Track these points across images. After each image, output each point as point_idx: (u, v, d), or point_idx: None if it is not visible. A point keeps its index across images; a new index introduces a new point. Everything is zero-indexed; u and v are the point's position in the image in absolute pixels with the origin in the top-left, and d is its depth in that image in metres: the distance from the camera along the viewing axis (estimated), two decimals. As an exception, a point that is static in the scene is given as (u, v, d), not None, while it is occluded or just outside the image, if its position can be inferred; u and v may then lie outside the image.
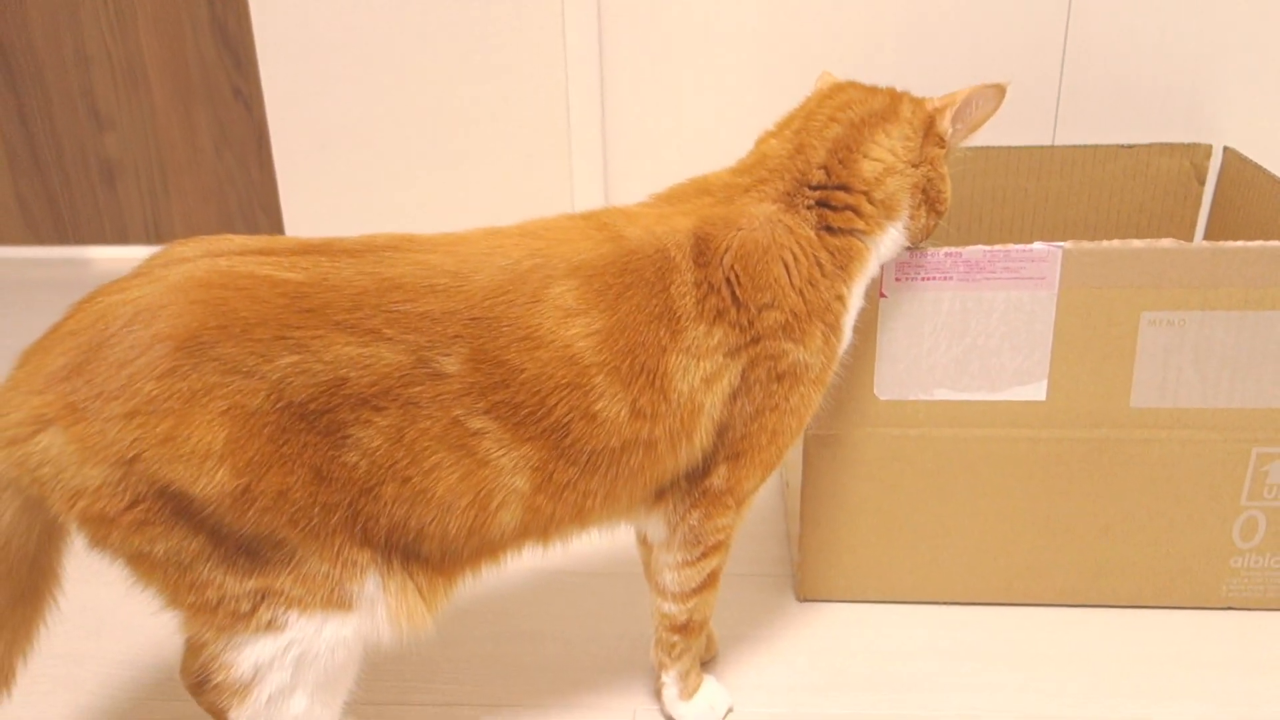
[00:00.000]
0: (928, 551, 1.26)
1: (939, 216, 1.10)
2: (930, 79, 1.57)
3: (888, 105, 1.07)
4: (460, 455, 0.89)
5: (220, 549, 0.86)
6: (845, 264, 1.03)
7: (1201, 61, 1.55)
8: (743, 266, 0.96)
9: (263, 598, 0.88)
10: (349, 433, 0.86)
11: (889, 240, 1.07)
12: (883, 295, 1.14)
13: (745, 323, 0.96)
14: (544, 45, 1.79)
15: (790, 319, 0.98)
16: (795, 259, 0.99)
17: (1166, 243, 1.11)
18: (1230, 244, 1.11)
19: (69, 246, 2.44)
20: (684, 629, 1.09)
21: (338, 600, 0.89)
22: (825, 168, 1.03)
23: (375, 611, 0.91)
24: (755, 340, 0.97)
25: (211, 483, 0.82)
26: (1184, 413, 1.17)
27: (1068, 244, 1.11)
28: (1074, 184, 1.51)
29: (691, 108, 1.81)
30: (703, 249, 0.96)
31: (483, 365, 0.88)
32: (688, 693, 1.12)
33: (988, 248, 1.12)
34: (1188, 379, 1.16)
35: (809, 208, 1.02)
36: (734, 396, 0.98)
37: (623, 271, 0.93)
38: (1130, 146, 1.49)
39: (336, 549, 0.88)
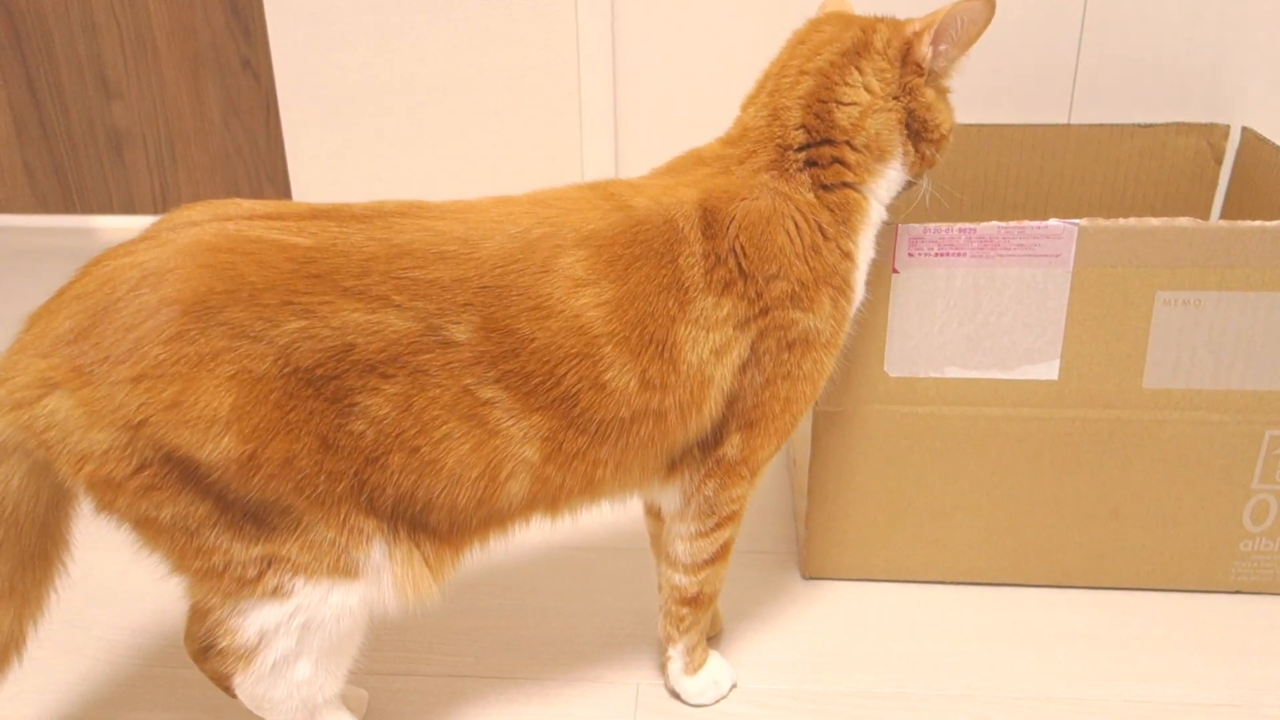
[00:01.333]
0: (935, 531, 1.25)
1: (936, 146, 1.05)
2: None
3: (858, 39, 1.02)
4: (471, 425, 0.88)
5: (227, 514, 0.85)
6: (846, 218, 1.01)
7: (1219, 41, 1.53)
8: (748, 238, 0.95)
9: (269, 564, 0.87)
10: (356, 400, 0.85)
11: (888, 182, 1.04)
12: (895, 271, 1.13)
13: (753, 294, 0.95)
14: (556, 14, 1.77)
15: (798, 288, 0.97)
16: (797, 227, 0.98)
17: (1183, 221, 1.10)
18: (1247, 223, 1.09)
19: (76, 215, 2.44)
20: (693, 601, 1.09)
21: (344, 568, 0.89)
22: (804, 127, 1.00)
23: (381, 580, 0.91)
24: (764, 312, 0.96)
25: (218, 448, 0.81)
26: (1197, 394, 1.16)
27: (1083, 221, 1.10)
28: (1090, 163, 1.49)
29: (703, 79, 1.79)
30: (709, 220, 0.95)
31: (493, 334, 0.88)
32: (693, 668, 1.12)
33: (1002, 224, 1.11)
34: (1201, 360, 1.14)
35: (800, 170, 1.00)
36: (744, 368, 0.97)
37: (632, 242, 0.93)
38: (1147, 126, 1.47)
39: (343, 517, 0.88)
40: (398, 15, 1.77)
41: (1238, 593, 1.26)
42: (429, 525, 0.93)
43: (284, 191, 2.27)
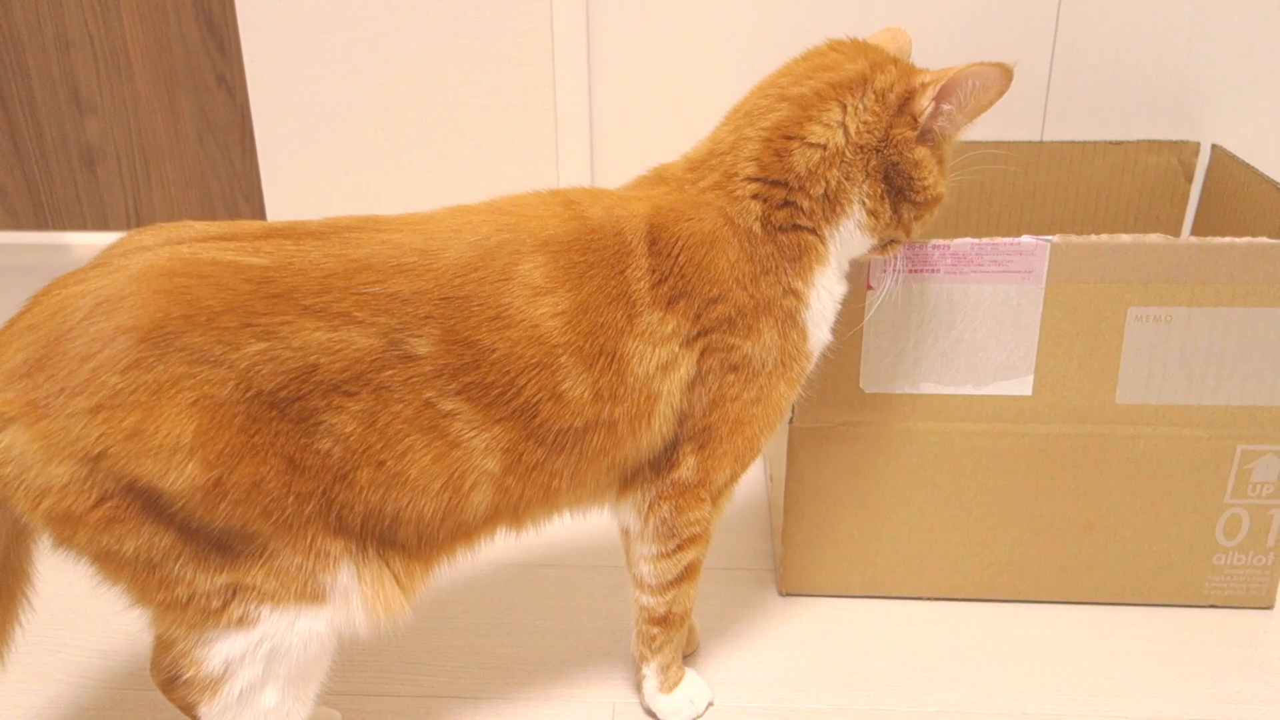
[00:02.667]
0: (911, 546, 1.26)
1: (918, 210, 1.00)
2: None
3: (859, 74, 0.97)
4: (433, 438, 0.88)
5: (191, 545, 0.84)
6: (796, 258, 0.98)
7: (1190, 59, 1.54)
8: (688, 258, 0.95)
9: (234, 593, 0.86)
10: (321, 419, 0.84)
11: (845, 238, 0.99)
12: (869, 287, 1.13)
13: (695, 314, 0.95)
14: (531, 32, 1.78)
15: (735, 314, 0.96)
16: (737, 254, 0.96)
17: (1154, 238, 1.11)
18: (1218, 240, 1.10)
19: (48, 232, 2.42)
20: (663, 621, 1.08)
21: (311, 593, 0.88)
22: (757, 160, 0.97)
23: (350, 603, 0.90)
24: (705, 332, 0.96)
25: (182, 476, 0.80)
26: (1169, 409, 1.17)
27: (1056, 238, 1.11)
28: (1062, 180, 1.50)
29: (680, 97, 1.80)
30: (655, 237, 0.95)
31: (454, 346, 0.87)
32: (668, 686, 1.11)
33: (975, 240, 1.11)
34: (1174, 375, 1.15)
35: (748, 198, 0.97)
36: (692, 385, 0.97)
37: (586, 249, 0.92)
38: (1119, 143, 1.48)
39: (309, 540, 0.87)
40: (374, 33, 1.77)
41: (1212, 606, 1.26)
42: (398, 541, 0.92)
43: (259, 208, 2.25)
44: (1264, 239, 1.10)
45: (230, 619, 0.86)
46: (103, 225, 2.39)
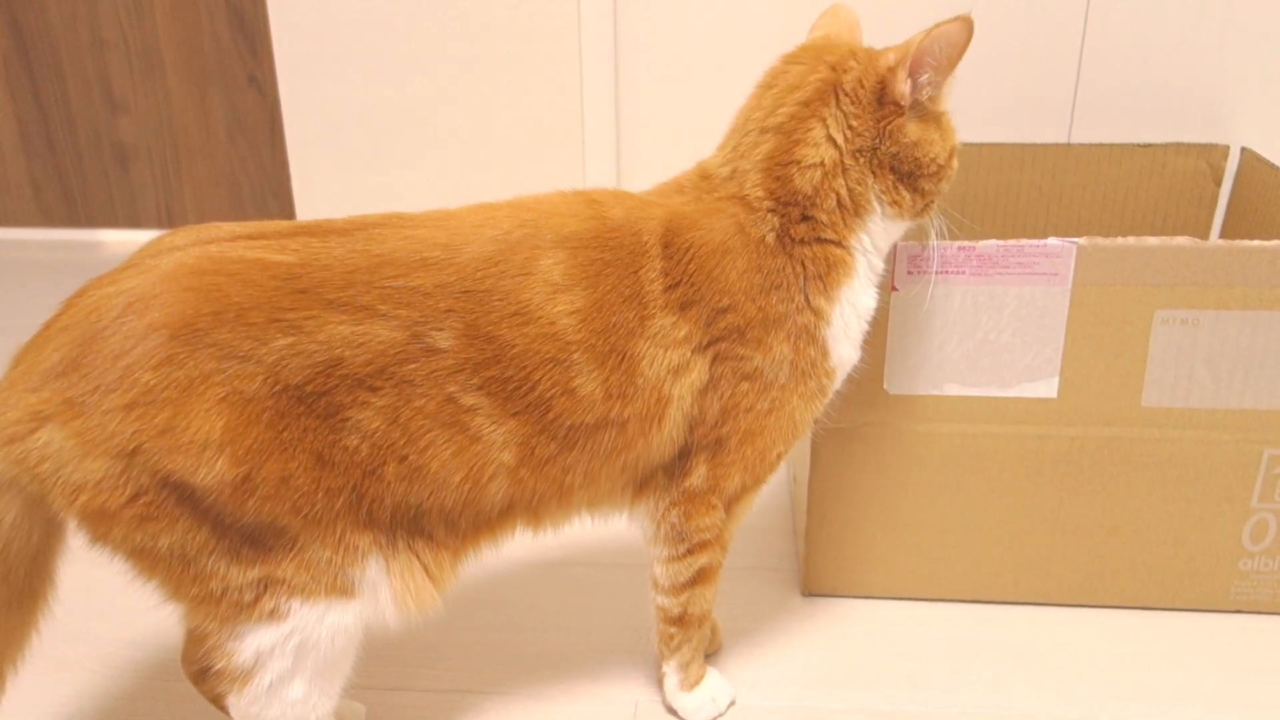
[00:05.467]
0: (934, 548, 1.25)
1: (935, 179, 0.99)
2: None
3: (824, 83, 0.97)
4: (454, 432, 0.89)
5: (223, 540, 0.85)
6: (822, 274, 0.98)
7: (1219, 62, 1.53)
8: (698, 266, 0.95)
9: (265, 587, 0.87)
10: (347, 415, 0.86)
11: (875, 233, 1.00)
12: (894, 289, 1.13)
13: (706, 321, 0.95)
14: (559, 33, 1.79)
15: (745, 325, 0.96)
16: (746, 265, 0.96)
17: (1181, 240, 1.10)
18: (1246, 243, 1.10)
19: (81, 229, 2.45)
20: (679, 621, 1.09)
21: (340, 587, 0.89)
22: (763, 189, 0.97)
23: (379, 595, 0.91)
24: (717, 340, 0.96)
25: (212, 472, 0.82)
26: (1195, 413, 1.16)
27: (1082, 240, 1.10)
28: (1089, 183, 1.50)
29: (706, 97, 1.80)
30: (670, 241, 0.95)
31: (475, 340, 0.88)
32: (689, 684, 1.12)
33: (1001, 242, 1.11)
34: (1200, 378, 1.15)
35: (767, 212, 0.97)
36: (704, 392, 0.97)
37: (603, 248, 0.93)
38: (1147, 146, 1.47)
39: (339, 535, 0.88)
40: (403, 33, 1.79)
41: (1238, 612, 1.26)
42: (425, 531, 0.93)
43: (288, 206, 2.28)
44: (1293, 242, 1.09)
45: (261, 612, 0.88)
46: (134, 223, 2.42)
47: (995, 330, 1.15)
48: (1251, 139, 1.48)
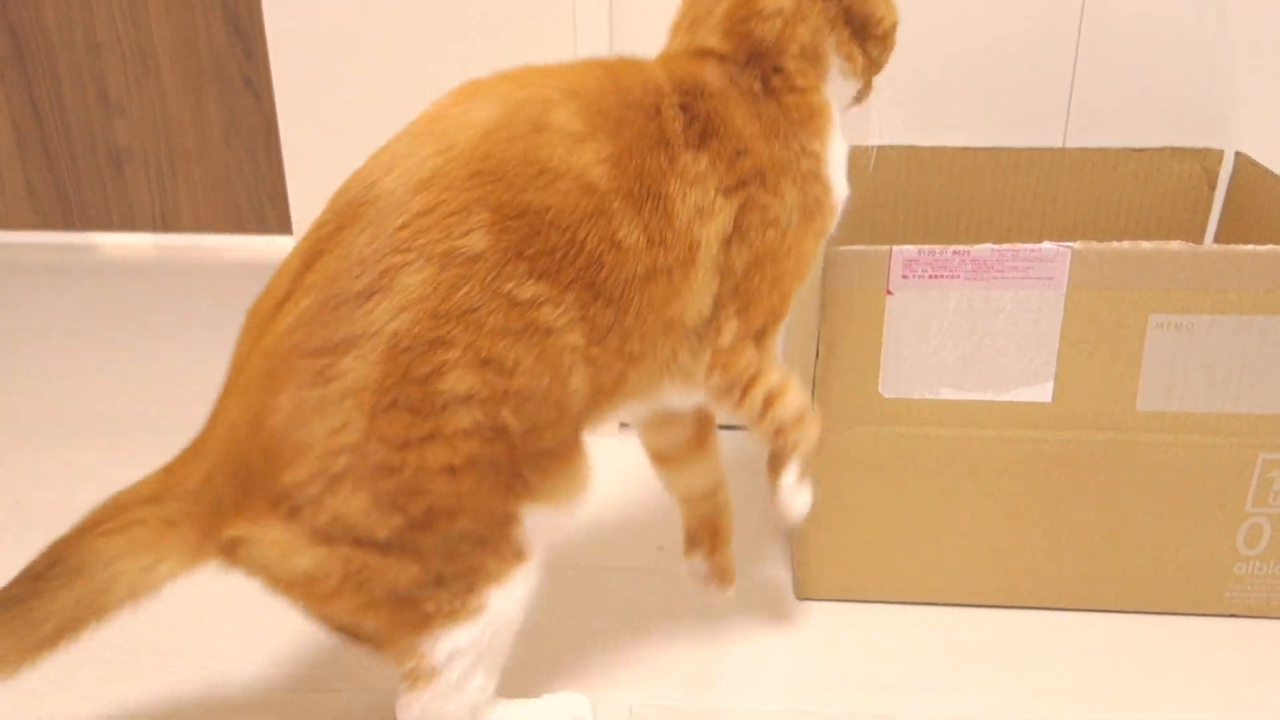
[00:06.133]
0: (929, 552, 1.25)
1: (881, 43, 1.02)
2: (943, 78, 1.57)
3: None
4: (528, 336, 0.85)
5: (429, 565, 0.88)
6: (808, 120, 0.99)
7: (1214, 66, 1.54)
8: (711, 108, 0.94)
9: (470, 588, 0.89)
10: (441, 388, 0.83)
11: (836, 87, 1.02)
12: (890, 293, 1.13)
13: (727, 162, 0.94)
14: (557, 39, 1.79)
15: (763, 169, 0.96)
16: (748, 113, 0.96)
17: (1176, 245, 1.10)
18: (1240, 247, 1.10)
19: (76, 232, 2.45)
20: (780, 433, 1.07)
21: (516, 554, 0.91)
22: (731, 44, 0.97)
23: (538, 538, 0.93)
24: (741, 184, 0.95)
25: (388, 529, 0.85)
26: (1190, 417, 1.16)
27: (1077, 244, 1.10)
28: (1085, 186, 1.50)
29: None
30: (680, 87, 0.95)
31: (507, 221, 0.84)
32: (802, 481, 1.11)
33: (996, 246, 1.11)
34: (1195, 383, 1.15)
35: (743, 67, 0.98)
36: (730, 241, 0.96)
37: (619, 100, 0.91)
38: (1142, 150, 1.48)
39: (503, 508, 0.89)
40: (400, 38, 1.78)
41: (1232, 616, 1.26)
42: (540, 461, 0.91)
43: (284, 211, 2.28)
44: (1287, 247, 1.09)
45: (467, 611, 0.90)
46: (129, 225, 2.42)
47: (991, 334, 1.15)
48: (1246, 143, 1.48)
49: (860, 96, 1.06)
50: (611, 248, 0.88)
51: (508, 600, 0.91)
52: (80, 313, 2.08)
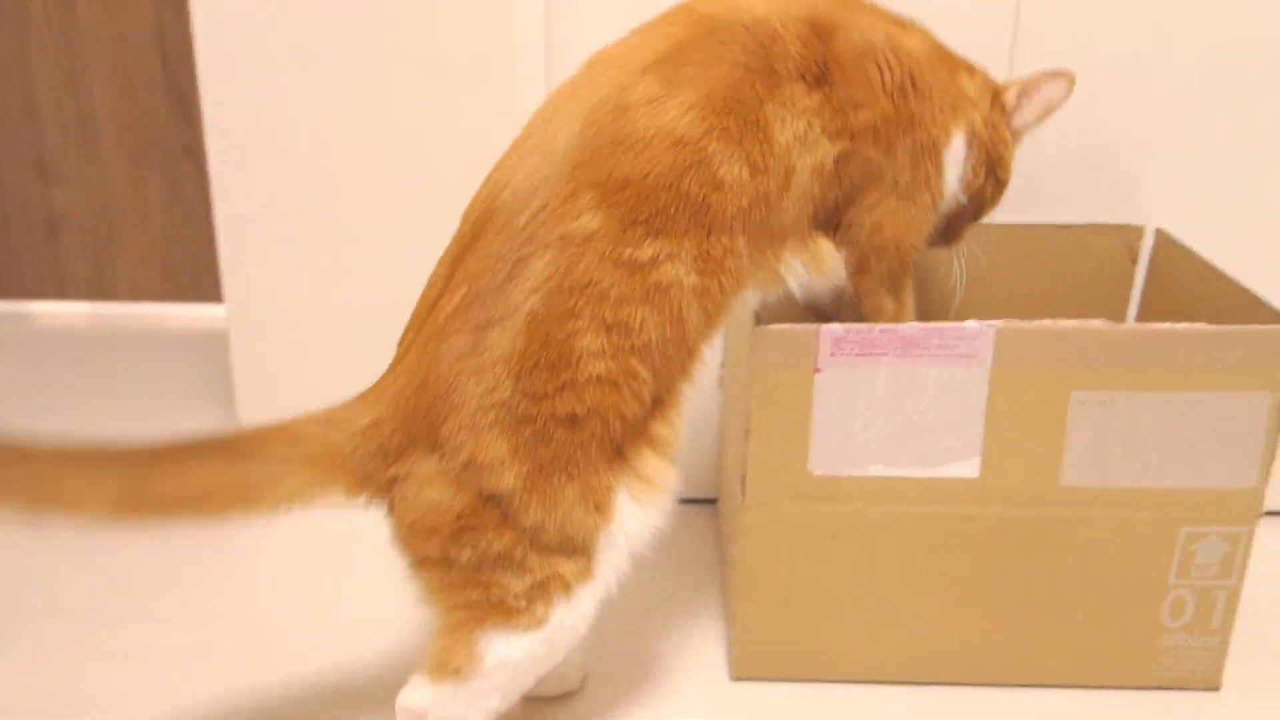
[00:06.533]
0: (864, 629, 1.25)
1: (998, 187, 1.17)
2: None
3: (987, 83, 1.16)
4: (652, 297, 0.94)
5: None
6: (954, 105, 1.07)
7: (1135, 144, 1.58)
8: (833, 57, 0.99)
9: (543, 588, 0.96)
10: (575, 347, 0.93)
11: (953, 156, 1.11)
12: (818, 370, 1.14)
13: (838, 108, 0.99)
14: (507, 105, 1.80)
15: (878, 122, 1.01)
16: (890, 64, 1.02)
17: (1097, 324, 1.13)
18: (1158, 326, 1.12)
19: (8, 301, 2.41)
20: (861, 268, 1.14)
21: (586, 567, 0.98)
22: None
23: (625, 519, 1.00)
24: (850, 135, 1.00)
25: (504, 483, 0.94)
26: (1114, 491, 1.18)
27: (1000, 323, 1.12)
28: (1011, 262, 1.53)
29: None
30: (814, 29, 0.99)
31: (614, 196, 0.93)
32: None
33: (923, 325, 1.13)
34: (1117, 458, 1.17)
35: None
36: (826, 180, 1.01)
37: (711, 37, 0.97)
38: (1066, 226, 1.51)
39: (597, 479, 0.97)
40: (342, 108, 1.79)
41: (1161, 689, 1.26)
42: (658, 400, 1.00)
43: (217, 281, 2.25)
44: (1202, 325, 1.12)
45: (531, 619, 0.97)
46: (62, 294, 2.38)
47: (918, 411, 1.16)
48: (1166, 220, 1.52)
49: (952, 236, 1.18)
50: (714, 190, 0.95)
51: (566, 621, 0.97)
52: (13, 382, 2.05)
